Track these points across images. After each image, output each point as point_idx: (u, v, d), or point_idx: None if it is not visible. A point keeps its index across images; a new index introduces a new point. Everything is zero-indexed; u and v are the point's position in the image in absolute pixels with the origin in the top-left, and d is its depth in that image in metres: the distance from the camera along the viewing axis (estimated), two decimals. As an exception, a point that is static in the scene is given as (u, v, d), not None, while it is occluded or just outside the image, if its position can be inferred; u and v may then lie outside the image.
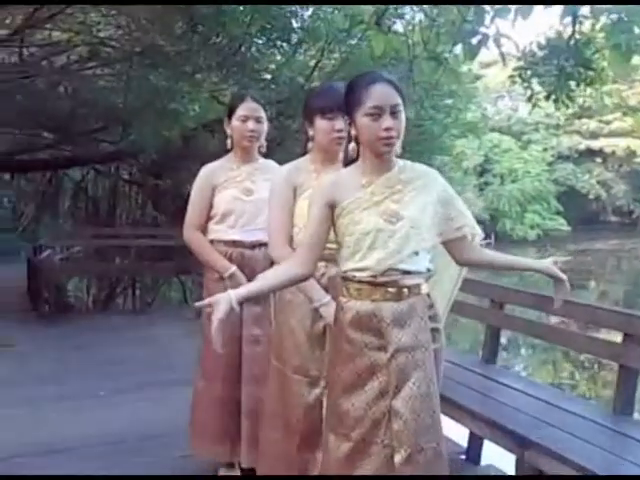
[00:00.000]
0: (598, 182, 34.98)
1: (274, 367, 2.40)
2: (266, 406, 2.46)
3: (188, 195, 2.90)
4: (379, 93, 1.84)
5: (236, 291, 1.86)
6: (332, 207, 1.91)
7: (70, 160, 9.76)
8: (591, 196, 35.13)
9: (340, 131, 2.23)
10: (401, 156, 1.97)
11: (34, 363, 5.03)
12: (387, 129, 1.82)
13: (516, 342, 11.10)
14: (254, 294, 1.95)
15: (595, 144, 34.68)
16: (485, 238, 2.13)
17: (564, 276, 2.04)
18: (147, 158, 8.07)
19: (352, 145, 1.92)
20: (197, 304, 1.92)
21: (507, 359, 10.91)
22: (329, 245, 1.99)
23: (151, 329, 6.32)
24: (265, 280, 1.99)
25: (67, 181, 11.68)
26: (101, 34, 7.15)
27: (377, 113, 1.83)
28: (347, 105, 1.91)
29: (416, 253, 1.87)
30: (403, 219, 1.86)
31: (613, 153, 34.48)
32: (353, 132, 1.90)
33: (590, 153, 35.29)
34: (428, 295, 1.93)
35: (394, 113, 1.84)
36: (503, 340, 11.07)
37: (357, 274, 1.88)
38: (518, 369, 10.38)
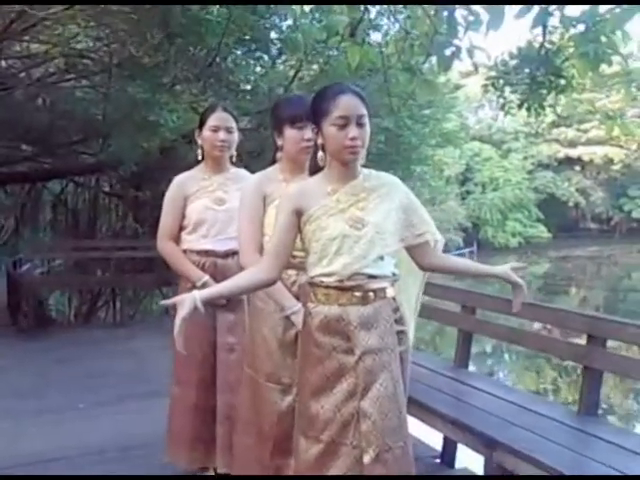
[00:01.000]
0: (577, 190, 35.46)
1: (247, 375, 2.43)
2: (239, 413, 2.48)
3: (162, 206, 2.92)
4: (346, 104, 1.90)
5: (201, 292, 1.92)
6: (299, 214, 1.96)
7: (49, 172, 9.69)
8: (571, 204, 35.59)
9: (309, 140, 2.26)
10: (375, 165, 2.03)
11: (14, 377, 4.98)
12: (353, 138, 1.89)
13: (500, 349, 11.19)
14: (218, 296, 2.03)
15: (574, 152, 35.17)
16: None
17: (521, 281, 2.11)
18: (127, 170, 8.02)
19: (320, 154, 1.97)
20: (162, 302, 1.97)
21: (491, 365, 10.99)
22: (300, 254, 2.04)
23: (132, 342, 6.28)
24: (230, 283, 2.02)
25: (46, 194, 11.56)
26: (79, 46, 7.14)
27: (344, 123, 1.89)
28: (314, 115, 1.97)
29: (381, 258, 1.93)
30: (368, 225, 1.91)
31: (591, 161, 34.97)
32: (320, 141, 1.96)
33: (569, 161, 35.79)
34: (394, 299, 1.98)
35: (360, 123, 1.91)
36: (487, 348, 11.15)
37: (324, 279, 1.93)
38: (502, 375, 10.46)
